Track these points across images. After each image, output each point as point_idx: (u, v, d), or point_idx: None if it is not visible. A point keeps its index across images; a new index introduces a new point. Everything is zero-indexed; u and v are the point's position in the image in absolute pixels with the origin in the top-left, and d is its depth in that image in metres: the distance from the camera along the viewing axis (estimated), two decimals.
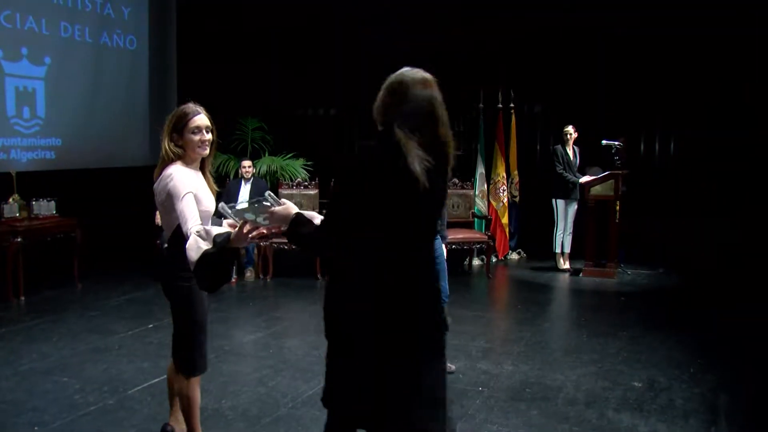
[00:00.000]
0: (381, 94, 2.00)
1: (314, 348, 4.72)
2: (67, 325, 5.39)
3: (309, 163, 8.56)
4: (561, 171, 7.53)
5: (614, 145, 7.28)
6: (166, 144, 2.76)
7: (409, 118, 1.90)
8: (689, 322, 5.65)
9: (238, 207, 2.15)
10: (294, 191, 7.76)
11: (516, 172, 8.50)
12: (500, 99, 8.42)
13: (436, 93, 1.98)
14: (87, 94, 7.79)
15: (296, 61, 9.67)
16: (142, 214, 6.51)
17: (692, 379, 4.24)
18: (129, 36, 8.34)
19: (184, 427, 3.07)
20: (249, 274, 7.27)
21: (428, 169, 1.89)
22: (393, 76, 2.00)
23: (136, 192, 7.29)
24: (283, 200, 2.10)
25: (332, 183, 2.09)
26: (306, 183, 7.91)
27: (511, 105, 8.46)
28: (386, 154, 1.89)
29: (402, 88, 1.96)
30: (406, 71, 2.01)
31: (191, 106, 2.82)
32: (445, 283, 4.15)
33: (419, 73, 2.00)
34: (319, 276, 7.12)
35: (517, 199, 8.56)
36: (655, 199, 8.44)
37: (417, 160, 1.86)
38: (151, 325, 5.33)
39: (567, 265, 7.75)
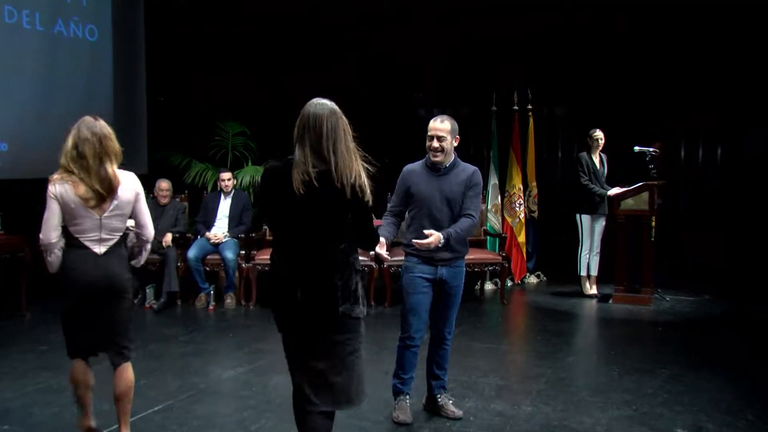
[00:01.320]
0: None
1: None
2: (11, 361, 5.26)
3: None
4: (586, 182, 7.48)
5: (649, 152, 7.25)
6: (119, 147, 3.43)
7: (305, 140, 2.79)
8: (742, 357, 5.57)
9: None
10: None
11: (534, 184, 8.47)
12: (516, 100, 8.40)
13: (329, 121, 2.80)
14: (38, 91, 7.62)
15: (286, 53, 9.65)
16: None
17: (750, 427, 4.12)
18: (89, 25, 8.21)
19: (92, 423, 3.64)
20: (229, 300, 7.22)
21: (307, 180, 2.74)
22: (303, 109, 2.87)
23: None
24: None
25: None
26: None
27: (529, 107, 8.42)
28: (280, 167, 2.83)
29: (302, 117, 2.84)
30: (310, 104, 2.86)
31: None
32: (451, 324, 4.12)
33: (320, 106, 2.85)
34: None
35: (535, 215, 8.52)
36: (697, 213, 8.40)
37: (296, 172, 2.75)
38: None
39: (594, 290, 7.71)
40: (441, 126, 3.96)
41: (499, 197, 8.32)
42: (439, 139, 3.93)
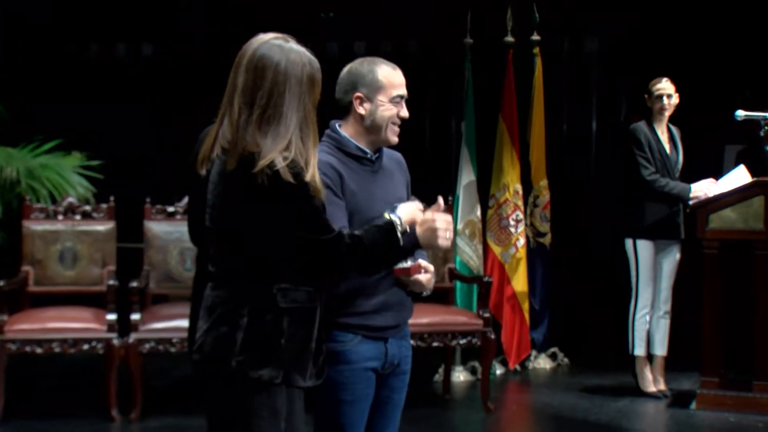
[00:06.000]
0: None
1: None
2: None
3: (94, 163, 8.56)
4: (653, 176, 7.44)
5: (766, 119, 7.05)
6: None
7: None
8: None
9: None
10: (60, 224, 7.77)
11: (545, 183, 8.66)
12: (510, 25, 8.45)
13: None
14: None
15: None
16: None
17: None
18: None
19: None
20: None
21: None
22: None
23: None
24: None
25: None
26: (88, 207, 7.88)
27: (535, 37, 8.55)
28: None
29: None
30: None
31: None
32: None
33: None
34: (114, 413, 7.01)
35: (546, 240, 8.70)
36: None
37: None
38: None
39: (660, 385, 7.70)
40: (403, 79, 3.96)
41: (478, 208, 8.38)
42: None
